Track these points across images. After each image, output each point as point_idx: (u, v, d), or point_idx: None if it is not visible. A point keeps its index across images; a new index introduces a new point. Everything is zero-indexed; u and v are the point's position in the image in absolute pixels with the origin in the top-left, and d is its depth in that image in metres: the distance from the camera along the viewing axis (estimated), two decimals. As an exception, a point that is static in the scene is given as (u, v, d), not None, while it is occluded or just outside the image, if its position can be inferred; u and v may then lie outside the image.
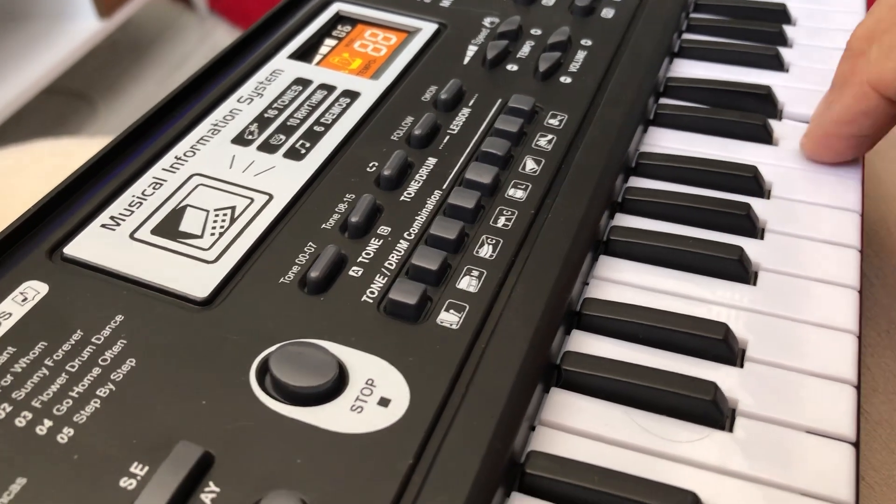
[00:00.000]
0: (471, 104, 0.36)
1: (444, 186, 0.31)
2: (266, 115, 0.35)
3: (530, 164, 0.33)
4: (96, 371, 0.24)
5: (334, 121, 0.35)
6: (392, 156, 0.32)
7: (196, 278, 0.27)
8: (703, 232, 0.32)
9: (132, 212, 0.30)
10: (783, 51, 0.42)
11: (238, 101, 0.35)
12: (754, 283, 0.30)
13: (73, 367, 0.24)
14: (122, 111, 1.61)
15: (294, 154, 0.33)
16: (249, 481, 0.22)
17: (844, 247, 0.32)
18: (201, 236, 0.29)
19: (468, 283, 0.28)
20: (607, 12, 0.42)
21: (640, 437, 0.25)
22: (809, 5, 0.46)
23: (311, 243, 0.29)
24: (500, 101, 0.36)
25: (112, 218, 0.29)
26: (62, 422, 0.23)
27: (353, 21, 0.41)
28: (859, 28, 0.34)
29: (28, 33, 1.48)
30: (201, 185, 0.31)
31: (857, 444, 0.25)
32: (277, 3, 0.43)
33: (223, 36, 1.82)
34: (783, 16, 0.45)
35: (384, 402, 0.24)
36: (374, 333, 0.26)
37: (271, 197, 0.31)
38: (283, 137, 0.33)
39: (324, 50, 0.39)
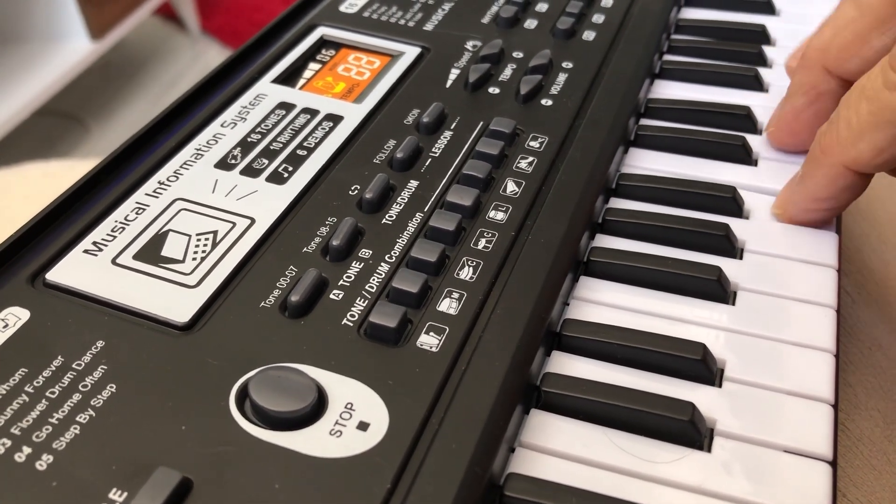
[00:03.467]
0: (453, 127, 0.36)
1: (426, 209, 0.32)
2: (249, 140, 0.35)
3: (511, 186, 0.33)
4: (76, 397, 0.24)
5: (317, 144, 0.35)
6: (374, 179, 0.32)
7: (177, 303, 0.27)
8: (683, 252, 0.33)
9: (115, 237, 0.30)
10: (763, 71, 0.42)
11: (222, 125, 0.36)
12: (733, 303, 0.31)
13: (53, 393, 0.24)
14: (115, 132, 1.62)
15: (277, 178, 0.33)
16: (228, 507, 0.22)
17: (823, 266, 0.32)
18: (183, 261, 0.29)
19: (448, 305, 0.28)
20: (588, 35, 0.42)
21: (619, 457, 0.25)
22: (789, 26, 0.47)
23: (292, 267, 0.29)
24: (481, 123, 0.36)
25: (94, 243, 0.30)
26: (41, 449, 0.23)
27: (336, 45, 0.42)
28: (815, 39, 0.34)
29: (20, 55, 1.49)
30: (184, 209, 0.31)
31: (834, 463, 0.25)
32: (267, 23, 0.43)
33: (215, 56, 1.83)
34: (763, 36, 0.45)
35: (363, 426, 0.24)
36: (354, 357, 0.26)
37: (253, 221, 0.31)
38: (265, 161, 0.34)
39: (308, 74, 0.40)
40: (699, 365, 0.27)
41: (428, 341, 0.27)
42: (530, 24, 0.43)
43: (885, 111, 0.29)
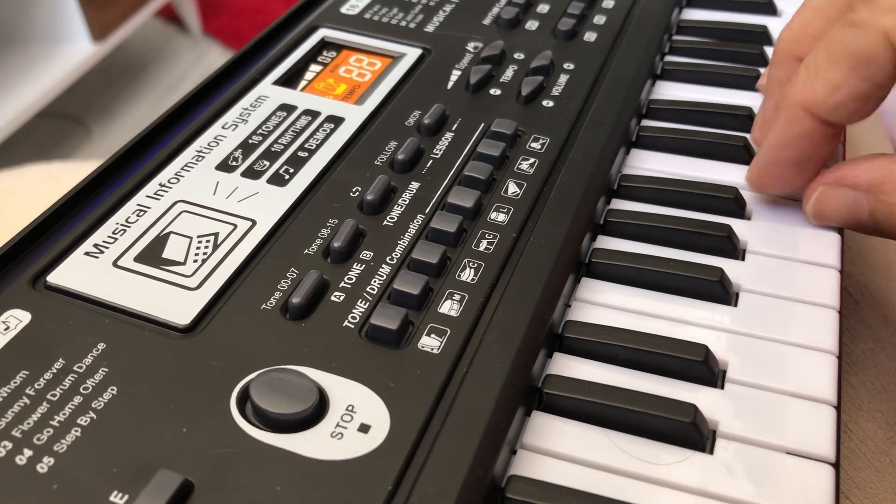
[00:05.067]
0: (454, 129, 0.36)
1: (427, 211, 0.32)
2: (250, 141, 0.35)
3: (512, 188, 0.33)
4: (77, 399, 0.24)
5: (318, 146, 0.35)
6: (375, 180, 0.32)
7: (178, 305, 0.27)
8: (685, 254, 0.33)
9: (116, 239, 0.30)
10: (764, 72, 0.42)
11: (223, 127, 0.36)
12: (735, 305, 0.31)
13: (54, 395, 0.24)
14: (116, 134, 1.62)
15: (278, 180, 0.33)
16: (229, 509, 0.22)
17: (825, 267, 0.32)
18: (184, 263, 0.29)
19: (450, 307, 0.28)
20: (590, 36, 0.42)
21: (621, 460, 0.25)
22: (790, 26, 0.47)
23: (293, 269, 0.29)
24: (482, 125, 0.36)
25: (96, 245, 0.30)
26: (42, 451, 0.23)
27: (338, 47, 0.42)
28: (786, 31, 0.34)
29: (22, 57, 1.49)
30: (185, 211, 0.31)
31: (836, 465, 0.25)
32: (269, 24, 0.43)
33: (217, 58, 1.84)
34: (764, 37, 0.45)
35: (364, 429, 0.24)
36: (355, 359, 0.26)
37: (254, 223, 0.31)
38: (266, 163, 0.34)
39: (309, 76, 0.40)
40: (701, 366, 0.27)
41: (429, 343, 0.27)
42: (531, 25, 0.43)
43: (838, 46, 0.29)
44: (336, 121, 0.36)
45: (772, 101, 0.36)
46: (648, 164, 0.37)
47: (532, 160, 0.34)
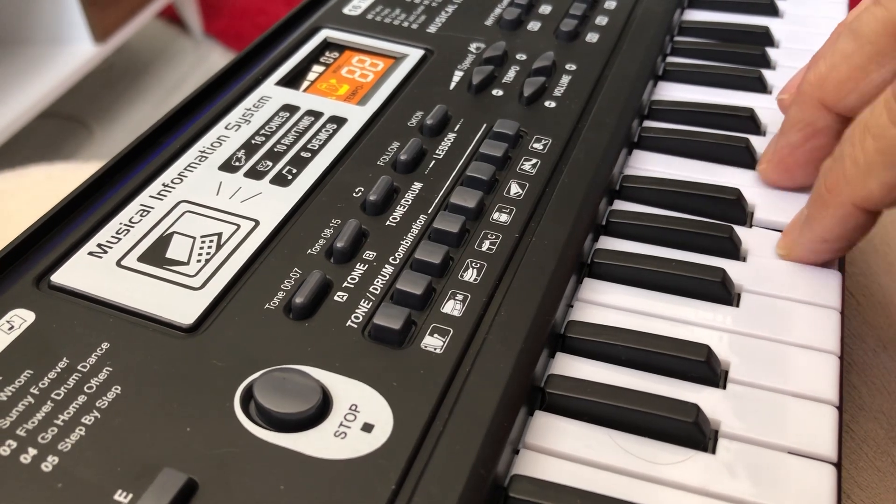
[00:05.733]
0: (456, 129, 0.36)
1: (430, 211, 0.32)
2: (253, 142, 0.35)
3: (515, 189, 0.33)
4: (81, 399, 0.24)
5: (321, 147, 0.35)
6: (378, 181, 0.32)
7: (182, 305, 0.28)
8: (687, 254, 0.33)
9: (119, 239, 0.30)
10: (766, 73, 0.42)
11: (226, 127, 0.36)
12: (737, 305, 0.31)
13: (58, 394, 0.25)
14: (118, 135, 1.62)
15: (281, 180, 0.33)
16: (232, 508, 0.22)
17: (827, 269, 0.32)
18: (188, 263, 0.29)
19: (452, 307, 0.28)
20: (592, 37, 0.43)
21: (623, 459, 0.25)
22: (792, 27, 0.47)
23: (296, 269, 0.29)
24: (485, 125, 0.36)
25: (99, 245, 0.30)
26: (47, 450, 0.23)
27: (340, 47, 0.42)
28: (811, 75, 0.32)
29: (24, 58, 1.49)
30: (188, 211, 0.31)
31: (838, 465, 0.25)
32: (270, 26, 0.43)
33: (218, 59, 1.84)
34: (766, 38, 0.45)
35: (367, 428, 0.24)
36: (358, 358, 0.26)
37: (257, 223, 0.31)
38: (269, 164, 0.34)
39: (311, 76, 0.40)
40: (703, 367, 0.27)
41: (432, 343, 0.27)
42: (533, 26, 0.44)
43: (894, 148, 0.28)
44: (339, 121, 0.36)
45: (786, 139, 0.34)
46: (650, 165, 0.37)
47: (534, 161, 0.34)
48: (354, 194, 0.32)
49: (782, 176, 0.35)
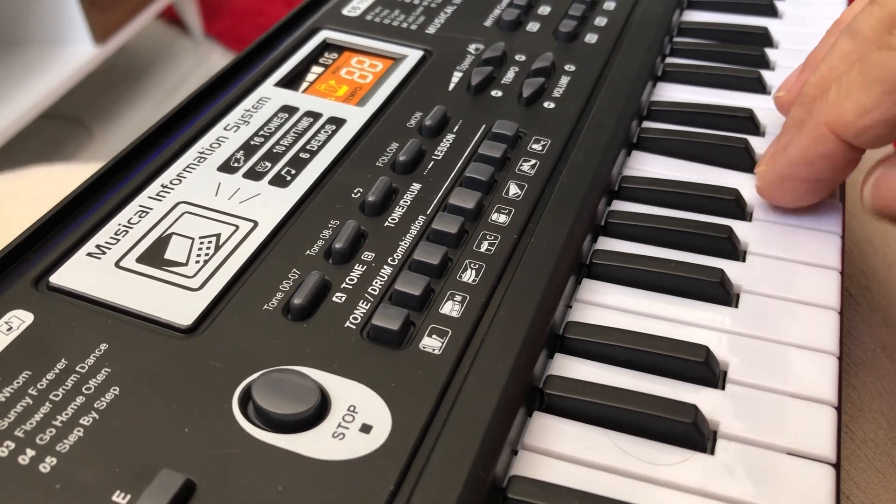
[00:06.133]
0: (455, 130, 0.36)
1: (428, 212, 0.32)
2: (252, 143, 0.35)
3: (513, 189, 0.33)
4: (80, 400, 0.24)
5: (320, 147, 0.35)
6: (377, 182, 0.32)
7: (180, 306, 0.28)
8: (686, 255, 0.33)
9: (118, 240, 0.30)
10: (765, 73, 0.42)
11: (225, 128, 0.36)
12: (736, 306, 0.31)
13: (56, 395, 0.25)
14: (118, 136, 1.62)
15: (279, 181, 0.33)
16: (231, 509, 0.22)
17: (826, 268, 0.32)
18: (186, 264, 0.29)
19: (451, 307, 0.28)
20: (591, 37, 0.43)
21: (622, 460, 0.25)
22: (791, 28, 0.47)
23: (295, 270, 0.29)
24: (484, 126, 0.36)
25: (98, 246, 0.30)
26: (45, 451, 0.23)
27: (339, 48, 0.42)
28: (813, 76, 0.33)
29: (24, 59, 1.49)
30: (187, 212, 0.31)
31: (837, 466, 0.25)
32: (270, 26, 0.43)
33: (218, 60, 1.84)
34: (765, 39, 0.45)
35: (366, 429, 0.24)
36: (356, 359, 0.26)
37: (256, 224, 0.31)
38: (268, 164, 0.34)
39: (310, 77, 0.40)
40: (702, 367, 0.27)
41: (430, 344, 0.27)
42: (532, 26, 0.44)
43: (873, 68, 0.28)
44: (338, 122, 0.36)
45: (784, 141, 0.34)
46: (649, 165, 0.37)
47: (533, 161, 0.34)
48: (353, 195, 0.32)
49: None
